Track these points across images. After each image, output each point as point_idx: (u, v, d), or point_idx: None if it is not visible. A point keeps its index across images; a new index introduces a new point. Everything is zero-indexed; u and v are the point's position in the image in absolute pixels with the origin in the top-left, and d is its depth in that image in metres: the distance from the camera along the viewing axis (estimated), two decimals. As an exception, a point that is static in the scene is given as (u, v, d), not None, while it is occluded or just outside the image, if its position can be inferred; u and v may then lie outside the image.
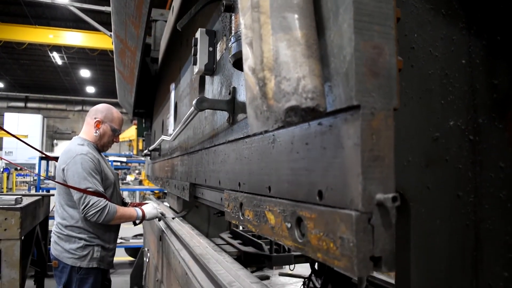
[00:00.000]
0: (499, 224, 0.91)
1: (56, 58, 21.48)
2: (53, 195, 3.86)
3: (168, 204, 4.26)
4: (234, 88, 1.42)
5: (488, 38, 0.94)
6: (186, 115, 1.74)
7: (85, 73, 24.91)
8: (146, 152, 4.44)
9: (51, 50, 19.49)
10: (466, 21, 0.94)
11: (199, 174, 1.96)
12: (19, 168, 17.91)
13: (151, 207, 2.99)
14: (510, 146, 0.92)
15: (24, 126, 24.91)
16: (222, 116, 1.55)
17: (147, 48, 4.04)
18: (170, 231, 2.84)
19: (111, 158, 12.22)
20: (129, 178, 13.96)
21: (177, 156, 2.81)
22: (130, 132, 17.68)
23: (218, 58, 1.70)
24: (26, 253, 4.40)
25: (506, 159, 0.92)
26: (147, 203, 3.13)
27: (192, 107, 1.49)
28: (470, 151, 0.91)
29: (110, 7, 2.94)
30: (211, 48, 1.74)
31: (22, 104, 30.32)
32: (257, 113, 0.70)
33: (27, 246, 4.54)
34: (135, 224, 3.01)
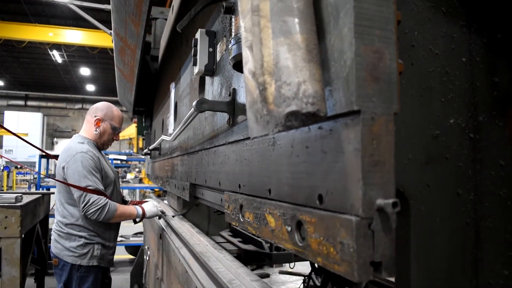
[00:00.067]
0: (499, 222, 0.91)
1: (56, 56, 21.48)
2: (53, 193, 3.86)
3: (167, 203, 4.26)
4: (234, 89, 1.42)
5: (488, 36, 0.94)
6: (186, 116, 1.74)
7: (85, 71, 24.91)
8: (146, 151, 4.44)
9: (51, 48, 19.48)
10: (467, 19, 0.94)
11: (199, 175, 1.96)
12: (19, 166, 17.92)
13: (151, 205, 2.99)
14: (510, 144, 0.92)
15: (24, 124, 24.94)
16: (222, 117, 1.54)
17: (147, 46, 4.03)
18: (170, 229, 2.84)
19: (111, 156, 12.23)
20: (129, 176, 13.99)
21: (177, 156, 2.81)
22: (130, 130, 17.68)
23: (218, 59, 1.69)
24: (27, 251, 4.41)
25: (506, 157, 0.92)
26: (147, 201, 3.13)
27: (192, 109, 1.50)
28: (470, 149, 0.91)
29: (110, 5, 2.94)
30: (211, 49, 1.73)
31: (22, 102, 30.33)
32: (257, 117, 0.70)
33: (28, 244, 4.55)
34: (135, 222, 3.02)
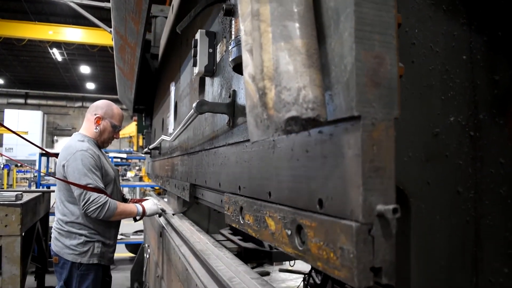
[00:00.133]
0: (499, 220, 0.91)
1: (56, 55, 21.45)
2: (53, 192, 3.87)
3: (167, 201, 4.26)
4: (234, 91, 1.42)
5: (489, 33, 0.94)
6: (186, 117, 1.74)
7: (85, 69, 24.89)
8: (146, 150, 4.45)
9: (51, 46, 19.46)
10: (467, 16, 0.93)
11: (199, 175, 1.96)
12: (19, 164, 17.92)
13: (151, 203, 3.00)
14: (510, 142, 0.92)
15: (24, 122, 24.94)
16: (222, 118, 1.54)
17: (147, 44, 4.03)
18: (170, 227, 2.84)
19: (111, 155, 12.21)
20: (129, 174, 13.97)
21: (177, 155, 2.81)
22: (130, 129, 17.68)
23: (218, 59, 1.69)
24: (27, 249, 4.41)
25: (506, 155, 0.92)
26: (147, 199, 3.14)
27: (192, 110, 1.49)
28: (470, 147, 0.91)
29: (109, 3, 2.94)
30: (211, 50, 1.73)
31: (22, 101, 30.31)
32: (257, 121, 0.70)
33: (28, 242, 4.56)
34: (135, 220, 3.02)
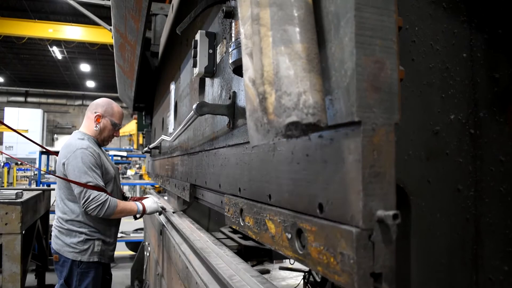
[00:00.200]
0: (499, 218, 0.91)
1: (56, 53, 21.42)
2: (53, 190, 3.87)
3: (167, 199, 4.27)
4: (234, 92, 1.41)
5: (489, 31, 0.94)
6: (186, 118, 1.73)
7: (85, 67, 24.86)
8: (146, 149, 4.45)
9: (51, 45, 19.43)
10: (467, 14, 0.93)
11: (199, 176, 1.96)
12: (19, 162, 17.93)
13: (151, 201, 3.00)
14: (510, 140, 0.92)
15: (24, 120, 24.94)
16: (223, 120, 1.54)
17: (147, 42, 4.03)
18: (170, 225, 2.84)
19: (112, 153, 12.21)
20: (129, 172, 13.98)
21: (177, 155, 2.81)
22: (131, 127, 17.69)
23: (218, 60, 1.68)
24: (27, 247, 4.42)
25: (506, 153, 0.92)
26: (147, 197, 3.14)
27: (192, 111, 1.49)
28: (470, 145, 0.91)
29: (109, 1, 2.93)
30: (211, 50, 1.72)
31: (22, 99, 30.29)
32: (257, 125, 0.69)
33: (28, 240, 4.56)
34: (135, 218, 3.02)
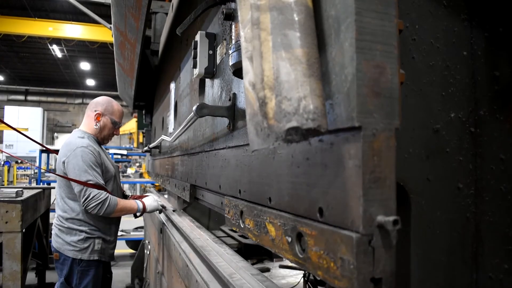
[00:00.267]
0: (499, 216, 0.91)
1: (56, 51, 21.41)
2: (53, 188, 3.87)
3: (167, 197, 4.27)
4: (235, 94, 1.41)
5: (489, 29, 0.94)
6: (186, 119, 1.73)
7: (85, 66, 24.85)
8: (146, 149, 4.45)
9: (51, 43, 19.42)
10: (468, 12, 0.93)
11: (199, 176, 1.96)
12: (19, 161, 17.93)
13: (151, 200, 3.00)
14: (511, 138, 0.92)
15: (24, 119, 24.93)
16: (223, 121, 1.54)
17: (147, 41, 4.02)
18: (170, 223, 2.84)
19: (112, 151, 12.23)
20: (129, 171, 13.97)
21: (177, 155, 2.80)
22: (131, 125, 17.67)
23: (218, 61, 1.68)
24: (28, 245, 4.42)
25: (507, 151, 0.92)
26: (147, 195, 3.14)
27: (192, 113, 1.49)
28: (471, 143, 0.91)
29: (109, -1, 2.93)
30: (211, 51, 1.72)
31: (22, 97, 30.29)
32: (257, 129, 0.69)
33: (28, 239, 4.57)
34: (135, 216, 3.02)
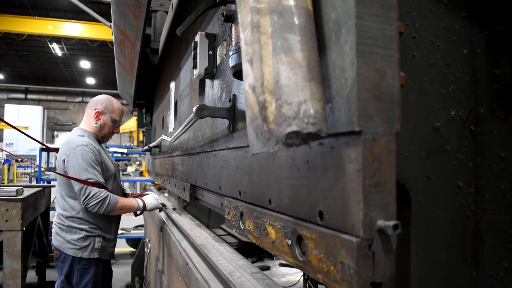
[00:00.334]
0: (499, 215, 0.91)
1: (56, 49, 21.41)
2: (54, 186, 3.87)
3: (167, 196, 4.27)
4: (235, 95, 1.41)
5: (490, 28, 0.93)
6: (186, 120, 1.73)
7: (85, 64, 24.85)
8: (146, 148, 4.45)
9: (51, 41, 19.42)
10: (468, 10, 0.93)
11: (200, 177, 1.96)
12: (20, 159, 17.94)
13: (151, 198, 3.00)
14: (511, 136, 0.92)
15: (24, 117, 24.92)
16: (223, 122, 1.54)
17: (147, 39, 4.01)
18: (171, 222, 2.84)
19: (112, 149, 12.22)
20: (129, 169, 13.98)
21: (177, 155, 2.80)
22: (131, 124, 17.66)
23: (218, 62, 1.68)
24: (28, 244, 4.43)
25: (507, 149, 0.91)
26: (148, 194, 3.14)
27: (192, 114, 1.49)
28: (471, 141, 0.91)
29: (109, -3, 2.93)
30: (211, 52, 1.72)
31: (22, 96, 30.29)
32: (257, 133, 0.68)
33: (29, 237, 4.57)
34: (136, 215, 3.02)
